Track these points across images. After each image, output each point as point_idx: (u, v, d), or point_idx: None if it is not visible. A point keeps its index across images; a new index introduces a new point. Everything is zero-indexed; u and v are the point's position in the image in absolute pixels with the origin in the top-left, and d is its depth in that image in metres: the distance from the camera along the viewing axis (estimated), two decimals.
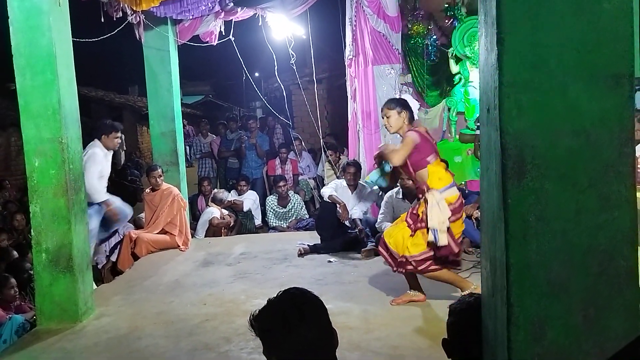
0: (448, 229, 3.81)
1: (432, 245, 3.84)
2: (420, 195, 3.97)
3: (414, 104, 4.15)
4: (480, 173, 1.86)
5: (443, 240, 3.78)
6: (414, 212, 4.01)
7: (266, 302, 1.51)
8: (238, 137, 9.12)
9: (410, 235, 3.96)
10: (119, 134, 5.67)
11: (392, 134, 4.37)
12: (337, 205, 5.75)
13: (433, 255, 3.90)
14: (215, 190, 7.66)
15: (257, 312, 1.49)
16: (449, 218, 3.81)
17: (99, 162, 5.49)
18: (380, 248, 4.21)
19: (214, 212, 7.22)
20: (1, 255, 5.78)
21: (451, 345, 1.86)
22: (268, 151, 9.29)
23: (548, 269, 1.44)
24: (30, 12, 3.96)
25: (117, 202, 5.69)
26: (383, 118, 4.15)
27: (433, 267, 3.95)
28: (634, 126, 1.46)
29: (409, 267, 3.98)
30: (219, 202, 7.32)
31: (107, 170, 5.67)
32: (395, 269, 4.09)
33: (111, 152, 5.68)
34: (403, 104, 4.08)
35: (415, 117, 4.12)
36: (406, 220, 4.04)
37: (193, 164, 9.72)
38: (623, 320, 1.43)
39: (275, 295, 1.51)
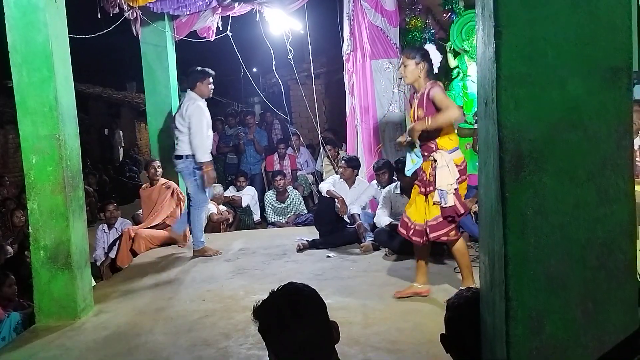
0: (456, 189, 3.78)
1: (438, 205, 3.80)
2: (426, 154, 3.87)
3: (436, 57, 3.95)
4: (478, 167, 1.85)
5: (450, 201, 3.74)
6: (423, 178, 3.93)
7: (263, 298, 1.50)
8: (236, 133, 9.11)
9: (426, 201, 3.90)
10: (212, 80, 5.58)
11: (408, 84, 4.18)
12: (336, 200, 5.75)
13: (442, 218, 3.84)
14: (213, 185, 7.60)
15: (256, 306, 1.49)
16: (457, 179, 3.77)
17: (206, 114, 5.39)
18: (400, 229, 4.10)
19: (210, 208, 7.20)
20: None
21: (449, 340, 1.86)
22: (266, 147, 9.28)
23: (546, 263, 1.44)
24: (26, 8, 3.94)
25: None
26: (400, 67, 3.97)
27: (452, 233, 3.88)
28: (632, 119, 1.45)
29: (430, 234, 3.90)
30: (213, 197, 7.29)
31: (208, 118, 5.48)
32: (422, 241, 3.97)
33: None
34: (423, 55, 3.90)
35: (435, 70, 3.95)
36: (420, 192, 3.96)
37: None
38: (622, 313, 1.43)
39: (271, 292, 1.51)
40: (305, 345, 1.41)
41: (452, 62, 7.02)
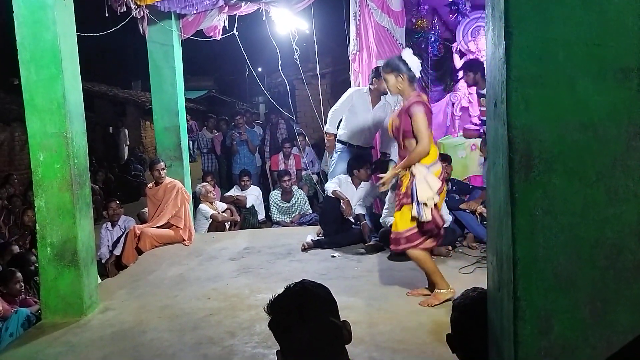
0: (435, 204, 3.80)
1: (415, 220, 3.83)
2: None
3: (415, 62, 3.90)
4: (487, 167, 1.85)
5: (427, 215, 3.76)
6: (399, 187, 3.99)
7: (276, 294, 1.51)
8: (230, 134, 9.10)
9: (397, 210, 3.95)
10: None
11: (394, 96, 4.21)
12: (341, 201, 5.75)
13: (418, 230, 3.88)
14: (199, 186, 7.57)
15: (270, 301, 1.50)
16: (437, 191, 3.79)
17: (346, 99, 6.01)
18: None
19: (205, 208, 7.20)
20: (3, 249, 5.79)
21: (455, 341, 1.86)
22: (259, 145, 9.28)
23: (555, 262, 1.44)
24: (35, 6, 3.95)
25: None
26: (382, 83, 4.04)
27: (421, 246, 3.93)
28: None
29: (401, 245, 3.96)
30: (204, 196, 7.28)
31: (359, 107, 5.95)
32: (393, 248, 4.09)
33: (379, 97, 5.96)
34: (398, 66, 3.89)
35: (417, 75, 3.93)
36: (396, 203, 4.04)
37: (196, 159, 9.74)
38: (630, 313, 1.43)
39: (285, 289, 1.51)
40: (311, 346, 1.41)
41: (458, 62, 7.02)
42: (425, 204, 3.75)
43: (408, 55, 3.93)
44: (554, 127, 1.43)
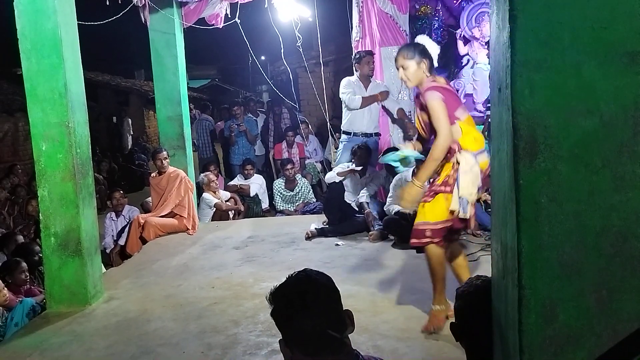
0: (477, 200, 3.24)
1: (454, 214, 3.21)
2: (448, 155, 3.23)
3: (434, 49, 3.42)
4: (490, 154, 1.83)
5: (469, 212, 3.20)
6: (434, 180, 3.32)
7: (277, 284, 1.50)
8: (228, 125, 9.07)
9: (428, 201, 3.29)
10: (372, 59, 6.27)
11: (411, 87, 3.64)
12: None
13: (450, 226, 3.31)
14: (202, 175, 7.56)
15: (272, 290, 1.49)
16: (479, 188, 3.22)
17: (345, 87, 6.09)
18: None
19: (209, 197, 7.19)
20: (8, 239, 5.79)
21: (459, 329, 1.85)
22: (257, 135, 9.26)
23: (560, 250, 1.42)
24: None
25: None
26: (398, 69, 3.40)
27: (440, 244, 3.32)
28: None
29: (423, 239, 3.30)
30: (206, 186, 7.28)
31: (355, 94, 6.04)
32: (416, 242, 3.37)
33: (368, 80, 6.16)
34: (422, 51, 3.34)
35: (435, 64, 3.42)
36: (430, 192, 3.33)
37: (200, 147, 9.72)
38: (636, 302, 1.41)
39: (287, 278, 1.50)
40: (313, 335, 1.41)
41: (462, 49, 6.96)
42: (469, 200, 3.18)
43: (426, 40, 3.49)
44: (559, 113, 1.40)
